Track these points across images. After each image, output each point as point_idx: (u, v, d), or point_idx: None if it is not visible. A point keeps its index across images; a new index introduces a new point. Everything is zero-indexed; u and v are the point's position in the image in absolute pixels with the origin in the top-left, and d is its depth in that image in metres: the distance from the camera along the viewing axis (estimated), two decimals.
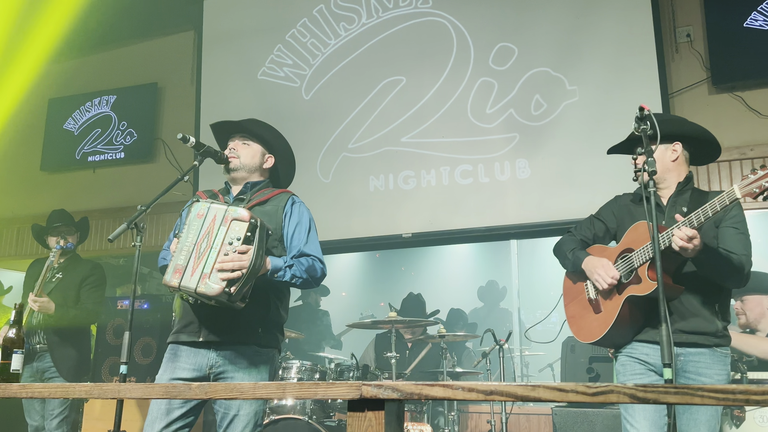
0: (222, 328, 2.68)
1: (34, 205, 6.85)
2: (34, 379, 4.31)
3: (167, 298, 5.18)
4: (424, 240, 5.60)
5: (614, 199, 3.01)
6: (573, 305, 2.92)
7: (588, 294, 2.82)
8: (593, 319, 2.76)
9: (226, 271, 2.47)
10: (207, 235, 2.55)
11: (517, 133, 5.26)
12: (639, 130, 2.33)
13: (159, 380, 2.72)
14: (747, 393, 1.11)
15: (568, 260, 2.90)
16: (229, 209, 2.57)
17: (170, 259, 2.63)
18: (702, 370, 2.55)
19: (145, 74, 6.90)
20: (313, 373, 4.29)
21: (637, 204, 2.84)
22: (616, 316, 2.62)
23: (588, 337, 2.77)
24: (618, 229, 2.89)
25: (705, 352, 2.57)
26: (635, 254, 2.61)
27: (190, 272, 2.51)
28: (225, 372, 2.68)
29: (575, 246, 2.93)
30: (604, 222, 2.95)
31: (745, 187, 2.26)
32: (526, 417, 5.02)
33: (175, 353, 2.72)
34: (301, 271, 2.74)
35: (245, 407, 2.66)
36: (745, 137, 4.73)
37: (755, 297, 3.87)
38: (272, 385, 1.56)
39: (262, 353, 2.75)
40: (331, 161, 5.81)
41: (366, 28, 5.93)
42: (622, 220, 2.88)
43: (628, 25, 5.06)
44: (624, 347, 2.71)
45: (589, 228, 2.98)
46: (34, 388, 1.90)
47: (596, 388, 1.19)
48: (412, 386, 1.29)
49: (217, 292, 2.45)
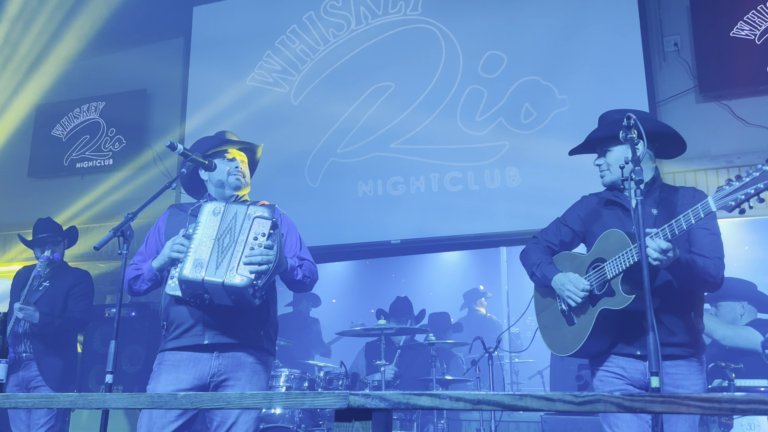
0: (227, 330, 2.68)
1: (21, 212, 6.79)
2: (19, 388, 4.25)
3: (155, 305, 5.14)
4: (412, 247, 5.60)
5: (581, 202, 2.90)
6: (546, 315, 2.83)
7: (560, 306, 2.74)
8: (567, 331, 2.68)
9: (254, 264, 2.53)
10: (229, 231, 2.60)
11: (507, 141, 5.28)
12: (626, 139, 2.32)
13: (154, 391, 2.67)
14: (732, 402, 1.11)
15: (535, 277, 2.81)
16: (251, 207, 2.66)
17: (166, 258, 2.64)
18: (679, 381, 2.49)
19: (134, 81, 6.87)
20: (302, 382, 4.27)
21: (604, 207, 2.75)
22: (591, 330, 2.54)
23: (562, 350, 2.69)
24: (586, 234, 2.80)
25: (681, 363, 2.51)
26: (608, 265, 2.52)
27: (213, 266, 2.54)
28: (228, 380, 2.68)
29: (541, 260, 2.81)
30: (570, 227, 2.85)
31: (720, 199, 2.18)
32: (516, 424, 5.02)
33: (175, 364, 2.67)
34: (308, 271, 2.88)
35: (244, 414, 2.65)
36: (731, 145, 4.76)
37: (729, 303, 3.92)
38: (259, 394, 1.54)
39: (262, 360, 2.78)
40: (319, 166, 5.80)
41: (355, 35, 5.95)
42: (590, 224, 2.78)
43: (617, 34, 5.11)
44: (599, 360, 2.63)
45: (556, 234, 2.88)
46: (17, 398, 1.88)
47: (583, 397, 1.18)
48: (399, 395, 1.29)
49: (246, 284, 2.50)
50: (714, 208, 2.22)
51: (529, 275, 2.87)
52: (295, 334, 6.16)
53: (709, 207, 2.23)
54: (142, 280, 2.78)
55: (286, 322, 6.46)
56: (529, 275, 2.86)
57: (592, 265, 2.63)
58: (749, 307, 3.94)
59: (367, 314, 7.51)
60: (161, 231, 2.86)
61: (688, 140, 5.12)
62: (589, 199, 2.87)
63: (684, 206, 2.49)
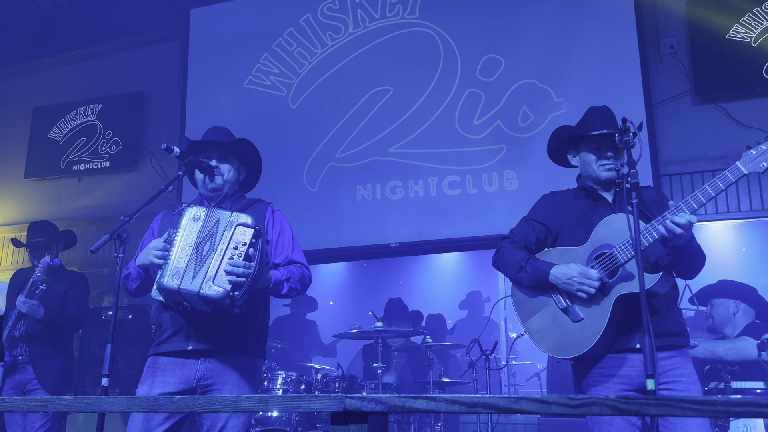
0: (211, 336, 2.63)
1: (18, 214, 6.78)
2: (15, 391, 4.24)
3: (152, 308, 5.13)
4: (411, 249, 5.59)
5: (549, 198, 2.78)
6: (538, 319, 2.58)
7: (558, 304, 2.54)
8: (574, 329, 2.46)
9: (233, 275, 2.44)
10: (209, 239, 2.52)
11: (504, 145, 5.28)
12: (622, 142, 2.32)
13: (140, 395, 2.66)
14: (728, 404, 1.11)
15: (524, 272, 2.58)
16: (234, 214, 2.55)
17: (146, 263, 2.59)
18: (680, 370, 2.41)
19: (131, 83, 6.87)
20: (299, 384, 4.26)
21: (581, 201, 2.65)
22: (607, 319, 2.37)
23: (570, 350, 2.46)
24: (561, 230, 2.66)
25: (675, 354, 2.43)
26: (618, 250, 2.40)
27: (191, 275, 2.47)
28: (213, 384, 2.64)
29: (527, 255, 2.62)
30: (543, 224, 2.70)
31: (750, 162, 2.11)
32: (513, 426, 5.02)
33: (162, 367, 2.66)
34: (296, 282, 2.76)
35: (233, 419, 2.62)
36: (727, 148, 4.77)
37: (722, 300, 3.93)
38: (255, 398, 1.54)
39: (250, 363, 2.73)
40: (318, 171, 5.80)
41: (353, 38, 5.95)
42: (565, 219, 2.65)
43: (613, 36, 5.12)
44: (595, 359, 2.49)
45: (530, 232, 2.71)
46: (13, 402, 1.87)
47: (579, 400, 1.18)
48: (395, 399, 1.28)
49: (222, 295, 2.42)
50: (745, 171, 2.18)
51: (512, 275, 2.64)
52: (291, 336, 6.15)
53: (740, 171, 2.18)
54: (131, 279, 2.78)
55: (283, 324, 6.45)
56: (513, 274, 2.63)
57: (594, 255, 2.49)
58: (743, 306, 3.95)
59: (364, 316, 7.50)
60: (155, 232, 2.86)
61: (685, 142, 5.15)
62: (558, 195, 2.76)
63: (654, 203, 2.49)
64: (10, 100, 7.35)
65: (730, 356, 3.69)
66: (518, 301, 2.67)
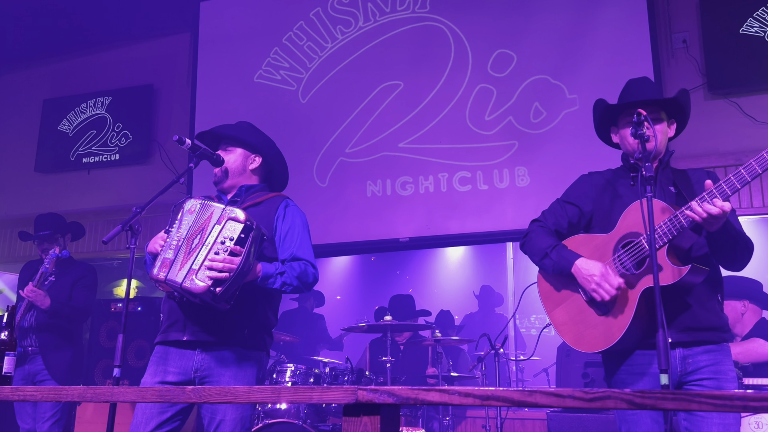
0: (207, 328, 2.62)
1: (27, 207, 6.81)
2: (25, 382, 4.26)
3: (161, 300, 5.16)
4: (421, 243, 5.59)
5: (586, 179, 2.60)
6: (561, 311, 2.48)
7: (584, 296, 2.41)
8: (599, 322, 2.34)
9: (214, 270, 2.43)
10: (200, 232, 2.52)
11: (516, 141, 5.25)
12: (636, 135, 2.28)
13: (144, 383, 2.68)
14: (745, 399, 1.10)
15: (549, 259, 2.44)
16: (226, 208, 2.54)
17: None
18: (716, 367, 2.29)
19: (141, 76, 6.88)
20: (308, 377, 4.27)
21: (622, 179, 2.49)
22: (634, 314, 2.25)
23: (596, 344, 2.35)
24: (595, 213, 2.51)
25: (714, 349, 2.31)
26: (646, 238, 2.23)
27: (177, 266, 2.48)
28: (210, 376, 2.63)
29: (555, 242, 2.47)
30: (577, 206, 2.53)
31: None
32: (521, 422, 5.01)
33: (163, 356, 2.68)
34: (292, 278, 2.68)
35: (231, 412, 2.60)
36: (741, 143, 4.73)
37: (731, 302, 3.91)
38: (267, 389, 1.54)
39: (249, 356, 2.69)
40: (327, 166, 5.79)
41: (363, 32, 5.93)
42: (601, 202, 2.49)
43: (625, 31, 5.08)
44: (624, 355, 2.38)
45: (562, 215, 2.54)
46: (25, 391, 1.88)
47: (594, 393, 1.18)
48: (408, 391, 1.28)
49: (202, 289, 2.42)
50: None
51: (537, 260, 2.51)
52: (299, 329, 6.17)
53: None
54: (147, 265, 2.80)
55: (290, 317, 6.46)
56: (539, 259, 2.49)
57: (621, 243, 2.36)
58: (751, 306, 3.93)
59: (371, 311, 7.52)
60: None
61: (697, 137, 5.10)
62: (596, 175, 2.59)
63: (700, 184, 2.32)
64: (20, 93, 7.38)
65: (742, 359, 3.67)
66: (543, 291, 2.56)
